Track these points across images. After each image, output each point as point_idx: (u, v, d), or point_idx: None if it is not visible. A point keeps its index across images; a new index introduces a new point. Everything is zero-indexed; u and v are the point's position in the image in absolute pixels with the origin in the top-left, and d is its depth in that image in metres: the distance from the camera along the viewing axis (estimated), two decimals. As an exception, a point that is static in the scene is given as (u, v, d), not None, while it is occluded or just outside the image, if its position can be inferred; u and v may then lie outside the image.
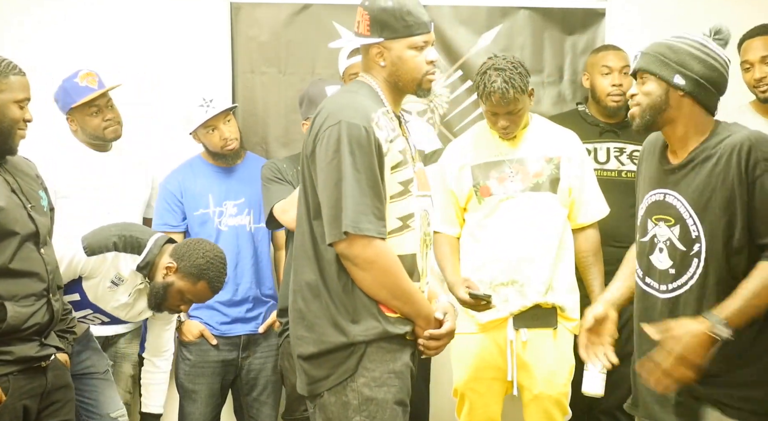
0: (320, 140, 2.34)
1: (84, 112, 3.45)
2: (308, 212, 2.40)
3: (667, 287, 2.41)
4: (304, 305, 2.39)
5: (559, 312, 3.15)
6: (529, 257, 3.09)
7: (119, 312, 3.05)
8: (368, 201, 2.30)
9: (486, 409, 3.20)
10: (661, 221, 2.43)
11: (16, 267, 2.40)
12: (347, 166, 2.29)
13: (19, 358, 2.42)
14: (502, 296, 3.11)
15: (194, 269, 2.91)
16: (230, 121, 3.54)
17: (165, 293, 2.93)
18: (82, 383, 3.06)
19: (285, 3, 3.91)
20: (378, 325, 2.34)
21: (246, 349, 3.57)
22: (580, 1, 3.99)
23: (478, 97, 3.13)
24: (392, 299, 2.35)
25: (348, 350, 2.33)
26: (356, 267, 2.31)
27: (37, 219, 2.50)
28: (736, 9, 3.95)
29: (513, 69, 3.04)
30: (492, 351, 3.17)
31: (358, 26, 2.45)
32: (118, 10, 3.88)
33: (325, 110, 2.38)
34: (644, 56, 2.40)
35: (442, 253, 3.21)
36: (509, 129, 3.13)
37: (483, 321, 3.13)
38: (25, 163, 2.63)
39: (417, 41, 2.42)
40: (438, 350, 2.46)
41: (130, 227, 3.07)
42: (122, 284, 2.97)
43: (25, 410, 2.45)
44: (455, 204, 3.23)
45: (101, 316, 3.06)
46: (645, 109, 2.38)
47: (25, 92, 2.49)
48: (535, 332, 3.14)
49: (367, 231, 2.28)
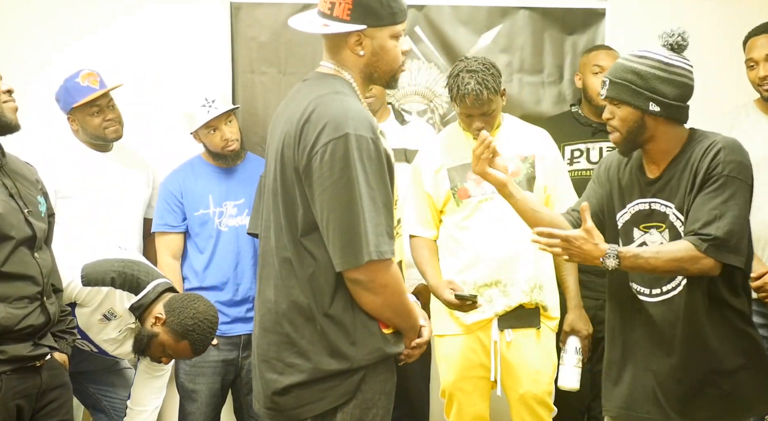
0: (319, 155, 2.10)
1: (85, 112, 3.45)
2: (293, 228, 2.19)
3: (660, 290, 2.49)
4: (294, 329, 2.20)
5: (541, 312, 3.16)
6: (512, 256, 3.10)
7: (107, 346, 3.01)
8: (383, 220, 2.12)
9: (473, 408, 3.21)
10: (652, 228, 2.51)
11: (9, 270, 2.41)
12: (361, 185, 2.09)
13: (12, 357, 2.42)
14: (486, 296, 3.12)
15: (179, 328, 2.83)
16: (231, 122, 3.55)
17: (149, 342, 2.87)
18: (94, 377, 3.10)
19: (285, 3, 3.90)
20: (379, 347, 2.21)
21: (246, 349, 3.57)
22: (580, 1, 3.98)
23: (452, 100, 3.14)
24: (395, 317, 2.24)
25: (346, 374, 2.20)
26: (368, 291, 2.15)
27: (34, 224, 2.50)
28: (736, 8, 3.96)
29: (485, 70, 3.05)
30: (477, 351, 3.18)
31: (333, 8, 2.18)
32: (118, 11, 3.89)
33: (318, 118, 2.13)
34: (614, 86, 2.48)
35: (421, 256, 3.21)
36: (484, 130, 3.13)
37: (468, 322, 3.14)
38: (26, 168, 2.64)
39: (399, 30, 2.24)
40: (417, 357, 2.38)
41: (134, 265, 2.96)
42: (114, 320, 2.93)
43: (18, 410, 2.45)
44: (431, 207, 3.23)
45: (89, 344, 3.02)
46: (624, 135, 2.50)
47: None
48: (519, 332, 3.15)
49: (386, 254, 2.12)
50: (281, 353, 2.23)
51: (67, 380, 2.67)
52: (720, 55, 3.94)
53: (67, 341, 2.71)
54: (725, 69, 3.89)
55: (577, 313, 3.22)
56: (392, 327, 2.27)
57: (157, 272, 3.06)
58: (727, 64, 3.82)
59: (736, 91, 3.66)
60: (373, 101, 3.50)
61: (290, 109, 2.24)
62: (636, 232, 2.55)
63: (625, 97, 2.47)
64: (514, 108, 3.76)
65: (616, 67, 2.51)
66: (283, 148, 2.21)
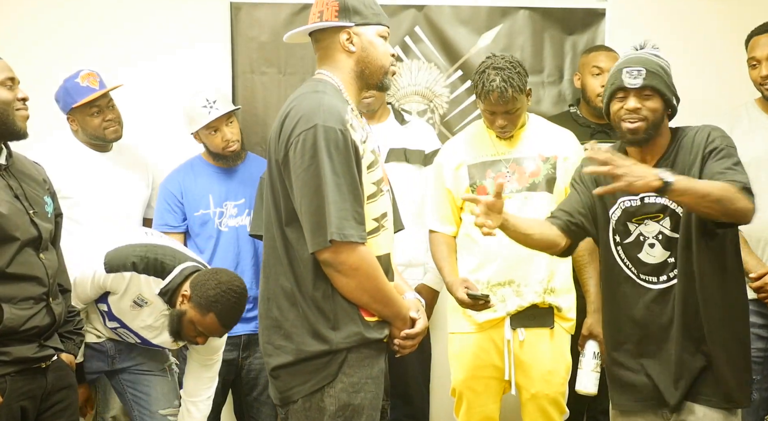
0: (293, 145, 2.27)
1: (85, 112, 3.45)
2: (279, 217, 2.34)
3: (667, 277, 2.57)
4: (280, 313, 2.35)
5: (555, 312, 3.16)
6: (526, 257, 3.08)
7: (146, 333, 3.01)
8: (349, 206, 2.25)
9: (483, 408, 3.21)
10: (647, 219, 2.58)
11: (14, 271, 2.40)
12: (327, 172, 2.23)
13: (17, 359, 2.41)
14: (499, 295, 3.12)
15: (203, 300, 2.79)
16: (232, 123, 3.55)
17: (179, 321, 2.85)
18: (134, 377, 3.10)
19: (285, 3, 3.91)
20: (359, 331, 2.31)
21: (246, 349, 3.57)
22: (580, 1, 3.99)
23: (476, 97, 3.13)
24: (373, 302, 2.33)
25: (328, 356, 2.30)
26: (340, 274, 2.27)
27: (39, 225, 2.50)
28: (735, 8, 3.96)
29: (512, 68, 3.04)
30: (489, 350, 3.18)
31: (321, 15, 2.39)
32: (118, 11, 3.89)
33: (295, 113, 2.31)
34: (651, 75, 2.53)
35: (439, 252, 3.22)
36: (507, 128, 3.13)
37: (480, 321, 3.15)
38: (34, 168, 2.63)
39: (383, 31, 2.43)
40: (412, 348, 2.45)
41: (158, 248, 2.95)
42: (146, 306, 2.93)
43: (23, 412, 2.44)
44: (452, 203, 3.23)
45: (130, 334, 3.03)
46: (650, 125, 2.55)
47: (5, 72, 2.45)
48: (532, 331, 3.14)
49: (351, 237, 2.24)
50: (271, 337, 2.38)
51: (73, 381, 2.66)
52: (720, 54, 3.95)
53: (74, 342, 2.71)
54: (724, 69, 3.89)
55: (597, 317, 3.11)
56: (377, 315, 2.36)
57: (186, 254, 3.02)
58: (727, 63, 3.83)
59: (735, 90, 3.67)
60: (372, 101, 3.50)
61: (280, 111, 2.42)
62: (630, 225, 2.61)
63: (662, 87, 2.54)
64: (514, 108, 3.77)
65: (646, 60, 2.56)
66: (270, 143, 2.40)
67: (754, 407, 3.18)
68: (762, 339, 3.16)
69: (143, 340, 3.06)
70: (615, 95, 2.58)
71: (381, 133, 3.44)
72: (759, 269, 3.10)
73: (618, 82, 2.56)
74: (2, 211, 2.40)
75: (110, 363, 3.13)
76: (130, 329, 3.01)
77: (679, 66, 3.97)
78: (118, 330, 3.03)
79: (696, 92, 3.92)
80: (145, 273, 2.89)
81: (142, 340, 3.06)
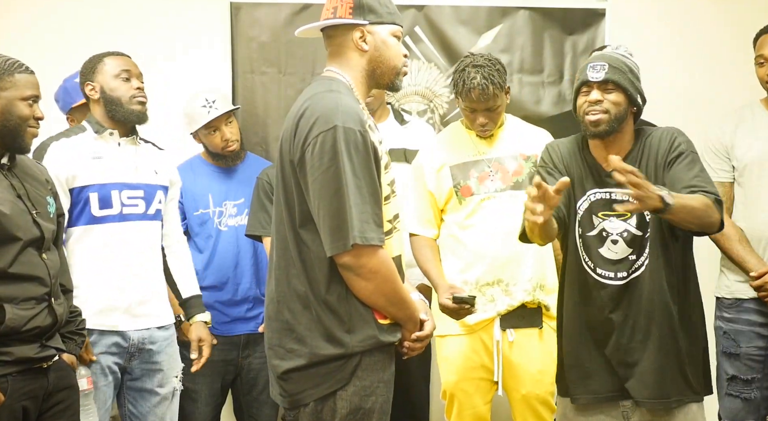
0: (311, 146, 2.21)
1: (84, 112, 3.44)
2: (292, 219, 2.29)
3: (626, 274, 2.63)
4: (292, 316, 2.30)
5: (543, 311, 3.16)
6: (514, 256, 3.10)
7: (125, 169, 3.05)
8: (369, 209, 2.21)
9: (475, 409, 3.20)
10: (612, 216, 2.63)
11: (16, 271, 2.40)
12: (347, 174, 2.18)
13: (19, 359, 2.41)
14: (488, 295, 3.12)
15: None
16: (231, 122, 3.55)
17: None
18: (138, 395, 3.10)
19: (285, 3, 3.91)
20: (374, 334, 2.28)
21: (246, 348, 3.57)
22: (580, 1, 4.00)
23: (456, 95, 3.13)
24: (389, 305, 2.30)
25: (342, 360, 2.26)
26: (359, 277, 2.23)
27: (42, 225, 2.50)
28: (735, 8, 3.97)
29: (491, 66, 3.06)
30: (479, 352, 3.18)
31: (335, 11, 2.35)
32: (118, 11, 3.89)
33: (311, 113, 2.25)
34: (614, 70, 2.60)
35: (423, 256, 3.20)
36: (488, 126, 3.13)
37: (470, 322, 3.14)
38: (36, 168, 2.64)
39: (397, 31, 2.40)
40: (420, 350, 2.43)
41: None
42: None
43: (24, 412, 2.44)
44: (434, 206, 3.22)
45: (120, 197, 3.02)
46: (612, 118, 2.61)
47: (32, 90, 2.50)
48: (521, 332, 3.15)
49: (372, 241, 2.20)
50: (282, 340, 2.32)
51: (74, 381, 2.66)
52: (719, 54, 3.95)
53: (76, 342, 2.70)
54: (724, 69, 3.90)
55: None
56: (390, 318, 2.33)
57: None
58: (727, 63, 3.83)
59: (735, 90, 3.67)
60: (371, 101, 3.50)
61: (291, 111, 2.37)
62: (595, 219, 2.66)
63: (625, 83, 2.61)
64: (514, 108, 3.76)
65: (610, 57, 2.64)
66: (282, 143, 2.33)
67: (755, 406, 3.18)
68: (762, 338, 3.16)
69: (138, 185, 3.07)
70: (580, 90, 2.66)
71: (381, 133, 3.44)
72: (760, 268, 3.10)
73: (582, 77, 2.63)
74: (5, 211, 2.40)
75: (126, 359, 3.05)
76: (115, 184, 3.01)
77: (679, 66, 4.02)
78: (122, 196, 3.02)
79: (696, 92, 3.93)
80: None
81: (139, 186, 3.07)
